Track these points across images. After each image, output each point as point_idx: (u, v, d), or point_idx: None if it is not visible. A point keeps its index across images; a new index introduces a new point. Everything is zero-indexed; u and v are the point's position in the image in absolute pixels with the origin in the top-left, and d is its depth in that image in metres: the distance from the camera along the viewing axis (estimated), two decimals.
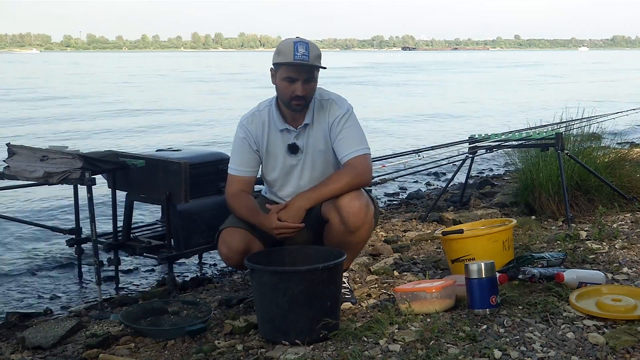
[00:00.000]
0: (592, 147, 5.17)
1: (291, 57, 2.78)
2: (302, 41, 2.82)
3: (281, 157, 2.97)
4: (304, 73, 2.81)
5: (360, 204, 2.80)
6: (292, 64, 2.79)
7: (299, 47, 2.78)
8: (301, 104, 2.87)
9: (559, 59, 77.29)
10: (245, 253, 2.81)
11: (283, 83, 2.84)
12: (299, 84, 2.81)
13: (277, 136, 2.96)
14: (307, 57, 2.79)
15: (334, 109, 2.94)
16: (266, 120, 2.97)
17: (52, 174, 3.42)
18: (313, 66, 2.83)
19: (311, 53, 2.80)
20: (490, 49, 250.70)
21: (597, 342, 2.31)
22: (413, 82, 32.58)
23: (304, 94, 2.83)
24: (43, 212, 6.55)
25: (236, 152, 3.00)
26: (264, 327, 2.69)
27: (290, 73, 2.81)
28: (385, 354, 2.30)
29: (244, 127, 2.98)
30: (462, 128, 13.18)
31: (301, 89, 2.81)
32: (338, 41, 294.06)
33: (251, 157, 2.98)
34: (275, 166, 2.99)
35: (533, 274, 2.91)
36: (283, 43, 2.86)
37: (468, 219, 4.65)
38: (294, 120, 2.95)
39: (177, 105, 19.57)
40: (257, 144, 2.97)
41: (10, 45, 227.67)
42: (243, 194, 2.96)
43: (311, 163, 2.97)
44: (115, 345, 2.86)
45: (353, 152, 2.87)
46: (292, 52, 2.78)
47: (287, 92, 2.84)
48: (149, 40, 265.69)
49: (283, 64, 2.82)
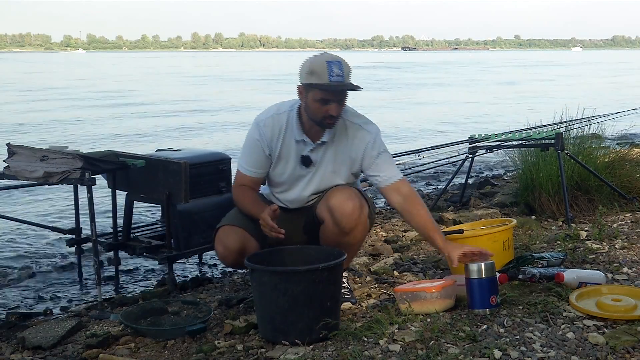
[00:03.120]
0: (592, 147, 5.17)
1: (326, 78, 2.66)
2: (335, 60, 2.69)
3: (292, 165, 2.91)
4: (339, 95, 2.73)
5: (354, 205, 2.78)
6: (329, 87, 2.67)
7: (333, 67, 2.66)
8: (333, 123, 2.79)
9: (547, 59, 77.01)
10: (241, 252, 2.80)
11: (315, 104, 2.73)
12: (334, 104, 2.72)
13: (291, 144, 2.89)
14: (342, 77, 2.68)
15: (362, 135, 2.87)
16: (284, 126, 2.87)
17: (52, 174, 3.42)
18: (351, 88, 2.72)
19: (345, 71, 2.70)
20: (490, 49, 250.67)
21: (597, 342, 2.31)
22: (435, 81, 32.67)
23: (337, 114, 2.76)
24: (43, 212, 6.55)
25: (247, 151, 2.94)
26: (264, 327, 2.69)
27: (325, 95, 2.69)
28: (385, 354, 2.30)
29: (259, 129, 2.89)
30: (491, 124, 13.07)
31: (335, 110, 2.73)
32: (338, 41, 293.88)
33: (261, 160, 2.92)
34: (283, 172, 2.94)
35: (533, 274, 2.91)
36: (315, 62, 2.71)
37: (468, 219, 4.65)
38: (313, 134, 2.87)
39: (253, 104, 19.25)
40: (269, 148, 2.89)
41: (10, 45, 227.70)
42: (250, 189, 2.95)
43: (319, 179, 2.93)
44: (115, 345, 2.86)
45: (394, 175, 2.88)
46: (327, 73, 2.65)
47: (319, 113, 2.74)
48: (149, 40, 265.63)
49: (317, 86, 2.69)
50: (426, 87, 28.85)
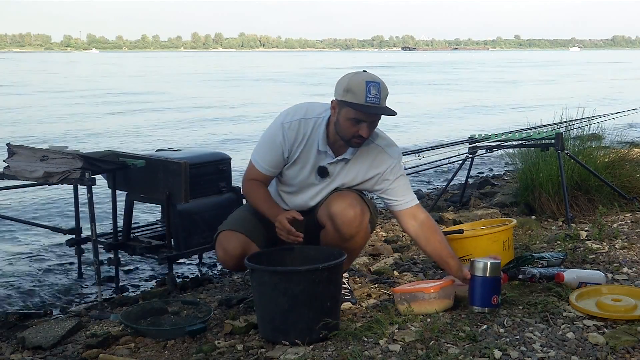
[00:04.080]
0: (592, 147, 5.17)
1: (363, 99, 2.61)
2: (374, 81, 2.64)
3: (307, 172, 2.87)
4: (373, 117, 2.68)
5: (355, 212, 2.76)
6: (364, 107, 2.62)
7: (371, 88, 2.61)
8: (361, 143, 2.76)
9: (543, 60, 76.81)
10: (242, 257, 2.78)
11: (347, 122, 2.68)
12: (365, 125, 2.67)
13: (312, 152, 2.83)
14: (378, 99, 2.62)
15: (384, 158, 2.85)
16: (309, 132, 2.81)
17: (52, 174, 3.42)
18: (385, 112, 2.67)
19: (382, 94, 2.64)
20: (490, 49, 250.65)
21: (597, 342, 2.31)
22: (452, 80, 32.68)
23: (367, 135, 2.71)
24: (43, 212, 6.55)
25: (266, 149, 2.87)
26: (264, 327, 2.69)
27: (359, 116, 2.65)
28: (385, 354, 2.30)
29: (284, 131, 2.80)
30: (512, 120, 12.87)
31: (366, 131, 2.69)
32: (338, 41, 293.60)
33: (278, 160, 2.86)
34: (296, 176, 2.90)
35: (533, 274, 2.92)
36: (353, 80, 2.64)
37: (468, 219, 4.65)
38: (337, 148, 2.82)
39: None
40: (289, 151, 2.84)
41: (10, 45, 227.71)
42: (260, 183, 2.92)
43: (328, 190, 2.90)
44: (115, 345, 2.87)
45: (411, 200, 2.87)
46: (364, 94, 2.60)
47: (349, 131, 2.70)
48: (149, 40, 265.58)
49: (352, 105, 2.63)
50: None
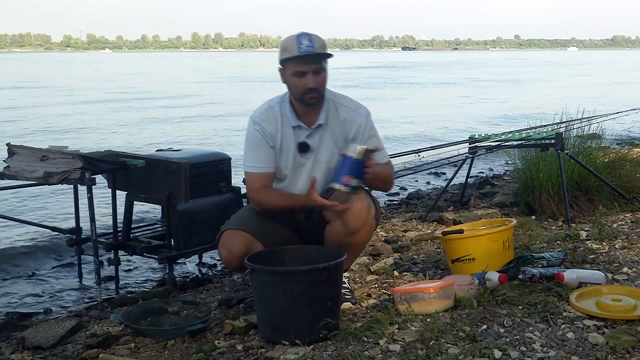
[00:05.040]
0: (592, 147, 5.17)
1: (296, 50, 2.75)
2: (305, 33, 2.79)
3: (292, 154, 2.93)
4: (312, 64, 2.78)
5: (362, 205, 2.78)
6: (299, 56, 2.75)
7: (302, 39, 2.76)
8: (316, 97, 2.83)
9: (539, 60, 76.64)
10: (245, 257, 2.79)
11: (293, 79, 2.80)
12: (310, 76, 2.77)
13: (289, 132, 2.92)
14: (311, 47, 2.75)
15: (353, 117, 2.91)
16: (279, 116, 2.91)
17: (52, 174, 3.42)
18: (320, 55, 2.79)
19: (316, 43, 2.77)
20: (490, 49, 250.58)
21: (597, 342, 2.31)
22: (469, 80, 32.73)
23: (316, 86, 2.79)
24: (43, 212, 6.55)
25: (252, 150, 2.93)
26: (264, 327, 2.69)
27: (299, 67, 2.77)
28: (385, 354, 2.30)
29: (258, 124, 2.91)
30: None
31: (313, 81, 2.78)
32: (338, 41, 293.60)
33: (269, 153, 2.91)
34: (287, 164, 2.94)
35: (533, 274, 2.91)
36: (286, 39, 2.83)
37: (468, 219, 4.65)
38: (308, 118, 2.90)
39: None
40: (273, 140, 2.91)
41: (10, 45, 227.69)
42: (268, 187, 2.93)
43: (320, 164, 2.93)
44: (115, 345, 2.87)
45: (382, 157, 2.91)
46: (296, 46, 2.75)
47: (299, 87, 2.80)
48: (149, 40, 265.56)
49: (289, 59, 2.78)
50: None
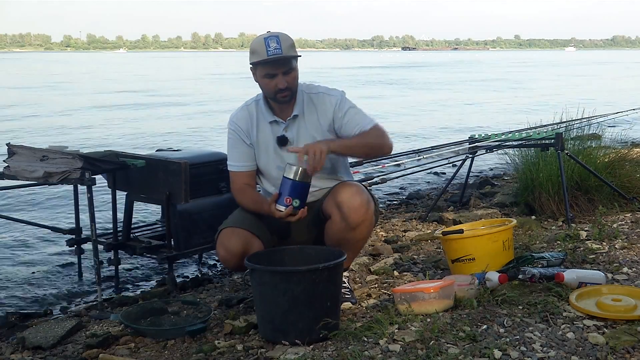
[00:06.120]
0: (592, 147, 5.17)
1: (264, 54, 2.79)
2: (272, 35, 2.82)
3: (272, 151, 2.97)
4: (281, 67, 2.83)
5: (362, 200, 2.81)
6: (267, 61, 2.80)
7: (269, 42, 2.79)
8: (287, 95, 2.88)
9: (536, 60, 76.45)
10: (243, 256, 2.78)
11: (264, 80, 2.86)
12: (280, 76, 2.83)
13: (266, 128, 2.97)
14: (279, 50, 2.79)
15: (327, 100, 2.95)
16: (254, 113, 2.99)
17: (52, 174, 3.42)
18: (288, 58, 2.83)
19: (283, 45, 2.80)
20: (490, 49, 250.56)
21: (597, 342, 2.31)
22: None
23: (286, 86, 2.85)
24: (43, 212, 6.55)
25: (232, 149, 3.03)
26: (264, 327, 2.69)
27: (268, 70, 2.83)
28: (385, 354, 2.30)
29: (233, 123, 3.00)
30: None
31: (283, 82, 2.83)
32: (338, 41, 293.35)
33: (247, 151, 2.99)
34: (267, 161, 2.99)
35: (533, 274, 2.91)
36: (254, 42, 2.86)
37: (468, 219, 4.65)
38: (283, 113, 2.95)
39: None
40: (249, 138, 2.99)
41: (10, 45, 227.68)
42: (248, 187, 3.00)
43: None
44: (115, 345, 2.87)
45: (366, 124, 2.89)
46: (265, 49, 2.79)
47: (270, 88, 2.86)
48: (149, 40, 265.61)
49: (259, 62, 2.83)
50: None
